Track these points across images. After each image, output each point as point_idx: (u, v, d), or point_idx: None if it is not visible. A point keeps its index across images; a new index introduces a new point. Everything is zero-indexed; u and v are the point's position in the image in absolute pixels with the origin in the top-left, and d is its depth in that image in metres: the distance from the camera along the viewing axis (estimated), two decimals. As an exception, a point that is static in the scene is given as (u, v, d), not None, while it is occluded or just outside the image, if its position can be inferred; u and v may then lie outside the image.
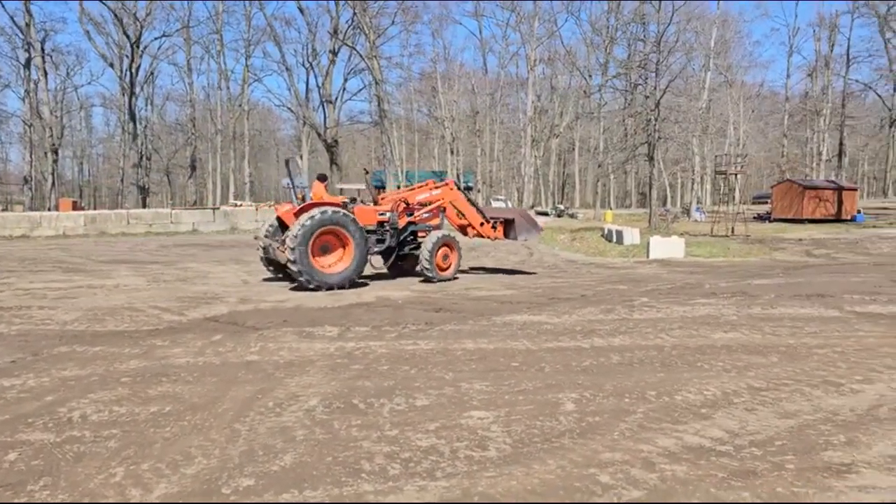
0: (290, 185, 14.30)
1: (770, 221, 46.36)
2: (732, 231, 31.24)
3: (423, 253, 14.53)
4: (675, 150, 59.70)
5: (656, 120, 34.35)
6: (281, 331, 8.81)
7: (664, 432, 4.92)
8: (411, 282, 14.54)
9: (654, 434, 4.88)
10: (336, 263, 13.46)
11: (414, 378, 6.45)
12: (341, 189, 34.82)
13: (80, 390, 6.03)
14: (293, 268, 12.70)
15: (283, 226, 14.17)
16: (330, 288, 12.93)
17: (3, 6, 57.25)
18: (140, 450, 4.57)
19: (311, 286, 12.79)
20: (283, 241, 13.11)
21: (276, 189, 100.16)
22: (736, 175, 32.63)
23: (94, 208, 73.32)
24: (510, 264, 19.02)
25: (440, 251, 14.73)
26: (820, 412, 5.39)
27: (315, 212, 13.13)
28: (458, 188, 16.57)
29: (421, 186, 16.27)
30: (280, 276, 14.33)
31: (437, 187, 16.17)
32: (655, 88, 34.45)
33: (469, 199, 16.58)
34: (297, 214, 13.40)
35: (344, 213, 13.48)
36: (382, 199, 15.96)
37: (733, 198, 42.47)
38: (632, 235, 26.73)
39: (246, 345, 7.93)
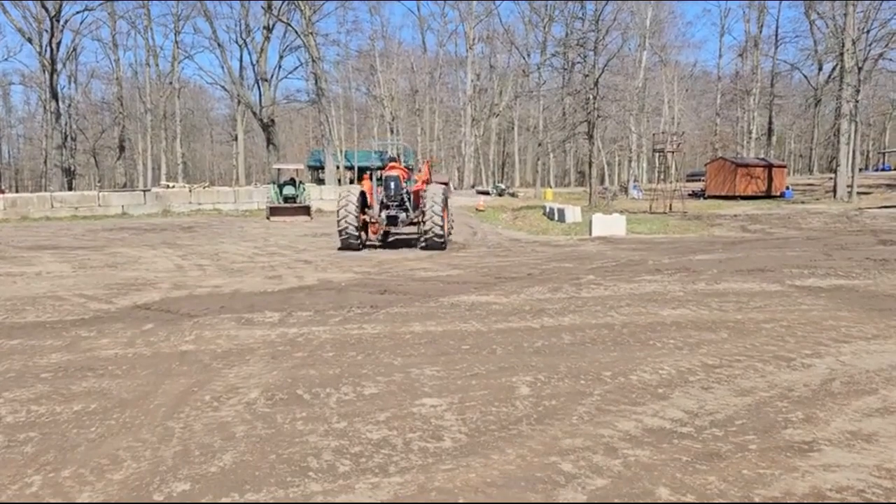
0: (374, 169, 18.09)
1: (704, 198, 47.50)
2: (670, 208, 31.79)
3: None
4: (613, 128, 60.52)
5: (595, 98, 34.54)
6: (218, 318, 8.35)
7: (623, 415, 4.77)
8: (352, 263, 14.15)
9: (614, 417, 4.73)
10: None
11: (361, 365, 6.15)
12: (279, 169, 33.86)
13: (-7, 389, 5.51)
14: (438, 229, 16.24)
15: (364, 200, 17.16)
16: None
17: None
18: (61, 454, 4.15)
19: (444, 245, 16.67)
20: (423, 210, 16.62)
21: (211, 169, 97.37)
22: (673, 153, 33.17)
23: (16, 192, 69.71)
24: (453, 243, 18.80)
25: None
26: (775, 388, 5.34)
27: (442, 187, 16.95)
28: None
29: (393, 166, 18.58)
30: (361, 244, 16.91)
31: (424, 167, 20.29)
32: (594, 67, 34.60)
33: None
34: (419, 192, 17.17)
35: None
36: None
37: (669, 175, 43.29)
38: (573, 213, 26.85)
39: (180, 334, 7.47)
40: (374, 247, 17.75)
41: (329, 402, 5.12)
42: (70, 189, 53.23)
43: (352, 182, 40.55)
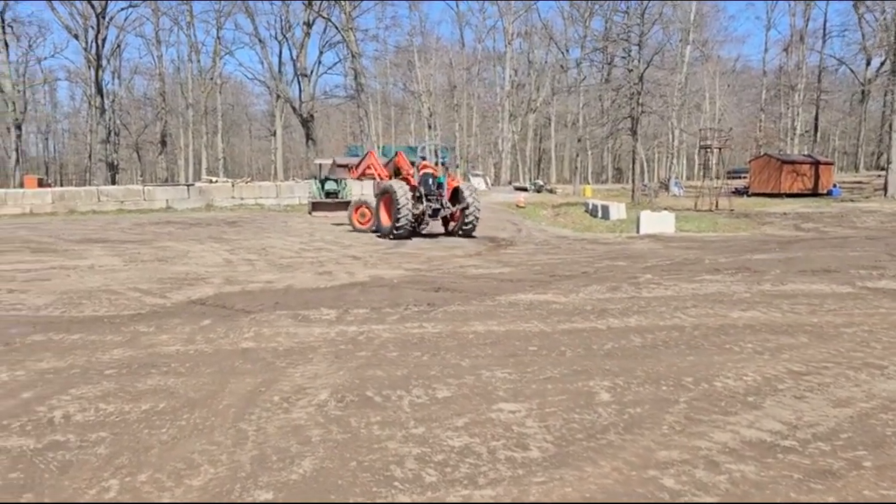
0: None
1: (748, 195, 46.42)
2: (716, 205, 31.07)
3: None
4: (652, 125, 59.54)
5: (639, 93, 33.91)
6: (274, 314, 8.23)
7: (716, 425, 4.48)
8: (401, 260, 14.00)
9: (707, 427, 4.44)
10: None
11: (428, 365, 5.95)
12: (319, 165, 33.86)
13: (60, 385, 5.43)
14: (476, 221, 19.02)
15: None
16: None
17: (-41, -26, 54.65)
18: (135, 457, 4.01)
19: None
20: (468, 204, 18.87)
21: (250, 164, 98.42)
22: (721, 149, 32.37)
23: (61, 185, 71.21)
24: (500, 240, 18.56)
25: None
26: (874, 399, 4.99)
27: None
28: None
29: (426, 165, 20.15)
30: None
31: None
32: (639, 61, 33.96)
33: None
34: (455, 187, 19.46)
35: None
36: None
37: (710, 172, 42.35)
38: (618, 210, 26.42)
39: (239, 330, 7.36)
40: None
41: (402, 405, 4.92)
42: (113, 183, 54.19)
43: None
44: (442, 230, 19.99)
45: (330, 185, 30.22)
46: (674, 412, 4.73)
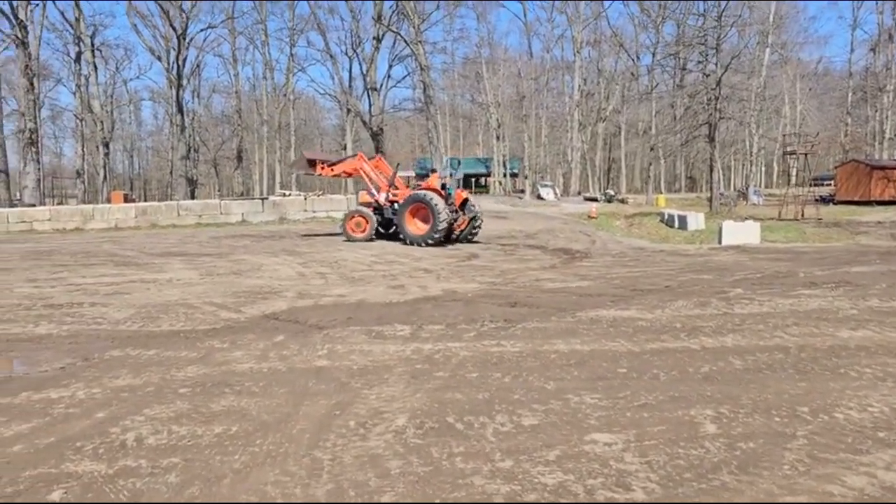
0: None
1: (834, 203, 44.14)
2: (802, 214, 29.52)
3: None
4: (730, 131, 57.39)
5: (717, 99, 32.66)
6: (347, 330, 8.01)
7: (846, 466, 3.93)
8: (474, 273, 13.65)
9: (836, 468, 3.90)
10: None
11: (510, 388, 5.56)
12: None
13: (134, 404, 5.30)
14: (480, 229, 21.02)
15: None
16: None
17: (53, 2, 57.89)
18: (206, 487, 3.78)
19: None
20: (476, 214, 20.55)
21: (321, 178, 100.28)
22: (807, 155, 30.76)
23: (145, 200, 74.19)
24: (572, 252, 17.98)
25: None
26: None
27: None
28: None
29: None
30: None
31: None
32: (717, 65, 32.73)
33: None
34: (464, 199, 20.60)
35: None
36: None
37: (792, 179, 40.44)
38: (696, 220, 25.38)
39: (312, 347, 7.15)
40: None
41: (486, 433, 4.55)
42: (193, 197, 55.92)
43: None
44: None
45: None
46: (793, 448, 4.20)
